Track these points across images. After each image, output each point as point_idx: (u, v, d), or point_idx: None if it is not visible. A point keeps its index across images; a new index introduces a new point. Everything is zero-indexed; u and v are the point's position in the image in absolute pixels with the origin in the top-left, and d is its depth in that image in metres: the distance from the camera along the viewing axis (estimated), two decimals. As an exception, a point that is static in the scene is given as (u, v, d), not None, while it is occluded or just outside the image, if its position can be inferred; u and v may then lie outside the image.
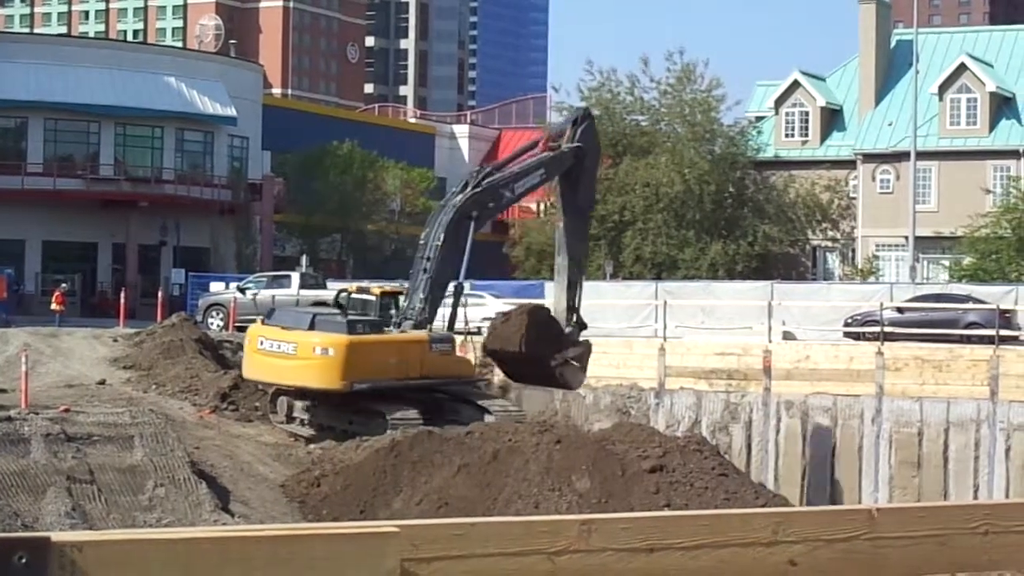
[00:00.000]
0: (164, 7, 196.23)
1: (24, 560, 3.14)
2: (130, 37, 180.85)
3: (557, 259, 40.06)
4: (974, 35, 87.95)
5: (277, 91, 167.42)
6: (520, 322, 38.22)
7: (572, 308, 38.53)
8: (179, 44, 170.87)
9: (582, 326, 39.14)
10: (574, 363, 38.45)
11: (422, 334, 37.02)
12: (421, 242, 38.01)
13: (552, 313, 39.11)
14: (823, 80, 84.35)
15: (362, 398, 36.33)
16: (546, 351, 38.02)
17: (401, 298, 38.85)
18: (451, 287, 37.45)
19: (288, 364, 36.23)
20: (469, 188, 37.45)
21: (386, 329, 37.64)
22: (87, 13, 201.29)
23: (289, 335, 36.45)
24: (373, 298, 40.24)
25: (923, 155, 73.05)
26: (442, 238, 36.57)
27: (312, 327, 36.59)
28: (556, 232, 41.36)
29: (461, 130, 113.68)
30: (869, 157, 78.89)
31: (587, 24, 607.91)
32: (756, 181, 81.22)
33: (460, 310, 38.09)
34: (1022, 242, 67.59)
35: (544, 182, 40.13)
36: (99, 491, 28.22)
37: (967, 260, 69.64)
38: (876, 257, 77.72)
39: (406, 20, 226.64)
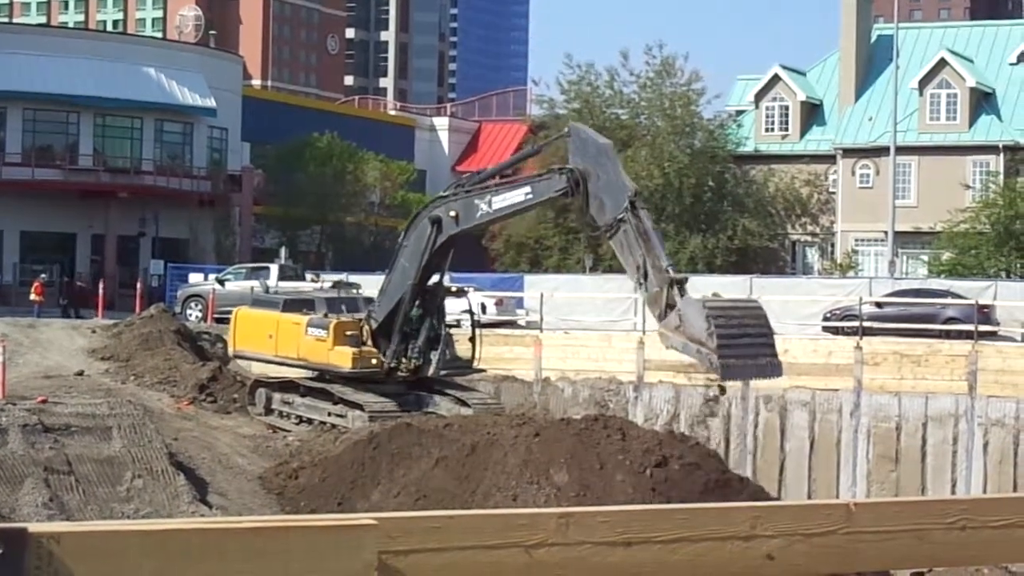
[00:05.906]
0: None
1: (0, 551, 3.13)
2: (110, 27, 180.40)
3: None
4: (954, 30, 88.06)
5: (257, 82, 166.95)
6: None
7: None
8: (159, 35, 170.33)
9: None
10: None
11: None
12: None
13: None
14: (803, 75, 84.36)
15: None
16: None
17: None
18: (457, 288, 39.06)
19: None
20: (444, 192, 37.36)
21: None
22: (67, 3, 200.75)
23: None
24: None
25: (903, 150, 73.11)
26: (408, 238, 36.47)
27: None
28: None
29: (441, 122, 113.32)
30: (849, 152, 78.97)
31: (568, 17, 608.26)
32: (736, 175, 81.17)
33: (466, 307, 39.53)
34: (1001, 238, 67.69)
35: (531, 204, 35.24)
36: (77, 482, 28.19)
37: (946, 255, 69.70)
38: (855, 252, 77.78)
39: (387, 12, 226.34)
